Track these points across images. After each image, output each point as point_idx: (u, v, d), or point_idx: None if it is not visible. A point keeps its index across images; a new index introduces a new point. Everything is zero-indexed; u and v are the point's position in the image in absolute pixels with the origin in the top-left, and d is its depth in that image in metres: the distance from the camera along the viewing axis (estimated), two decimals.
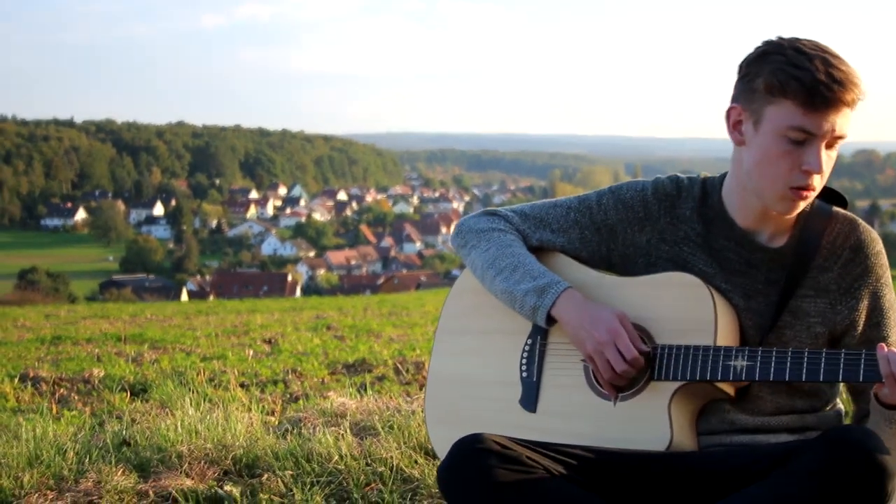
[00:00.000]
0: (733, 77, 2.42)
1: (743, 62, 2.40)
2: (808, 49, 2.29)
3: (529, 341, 2.63)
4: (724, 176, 2.54)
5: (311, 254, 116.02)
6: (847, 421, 2.65)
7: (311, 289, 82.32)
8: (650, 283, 2.52)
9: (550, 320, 2.51)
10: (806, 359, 2.28)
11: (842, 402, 2.62)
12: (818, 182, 2.35)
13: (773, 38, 2.37)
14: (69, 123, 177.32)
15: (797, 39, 2.34)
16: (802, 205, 2.39)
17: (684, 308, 2.44)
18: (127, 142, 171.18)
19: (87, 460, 3.51)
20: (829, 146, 2.33)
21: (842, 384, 2.62)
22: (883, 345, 2.22)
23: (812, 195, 2.38)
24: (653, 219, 2.57)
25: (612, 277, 2.60)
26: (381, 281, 79.46)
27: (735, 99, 2.41)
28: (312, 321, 14.90)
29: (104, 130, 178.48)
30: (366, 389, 6.55)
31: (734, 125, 2.41)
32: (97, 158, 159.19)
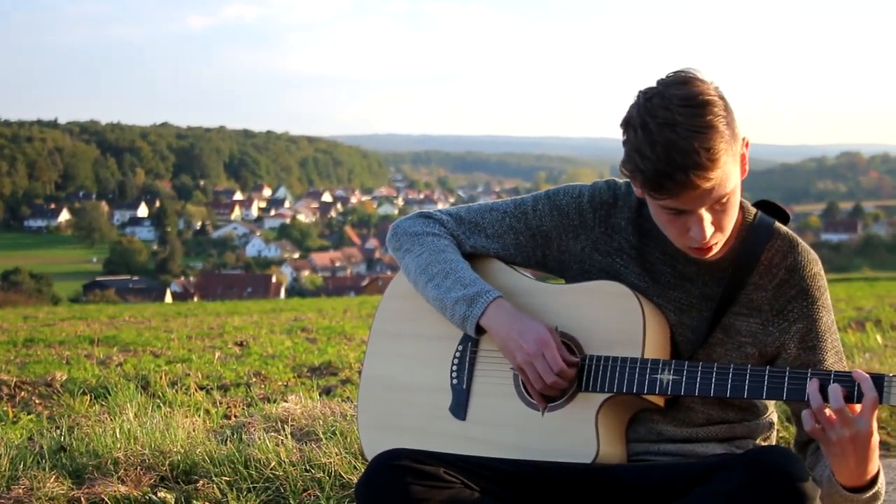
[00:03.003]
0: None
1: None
2: (654, 126, 2.15)
3: (460, 348, 2.60)
4: None
5: (296, 255, 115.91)
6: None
7: (295, 290, 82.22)
8: (581, 292, 2.49)
9: (480, 330, 2.48)
10: (731, 375, 2.26)
11: (776, 412, 2.60)
12: (718, 237, 2.29)
13: (638, 95, 2.24)
14: (53, 124, 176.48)
15: (655, 103, 2.18)
16: (714, 252, 2.33)
17: (613, 318, 2.42)
18: (111, 143, 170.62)
19: (21, 467, 3.47)
20: (716, 203, 2.23)
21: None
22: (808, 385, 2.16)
23: (718, 245, 2.32)
24: (587, 227, 2.53)
25: (545, 285, 2.58)
26: (365, 282, 79.24)
27: None
28: (289, 323, 14.85)
29: (88, 131, 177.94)
30: (329, 392, 6.54)
31: (633, 181, 2.33)
32: (81, 159, 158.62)
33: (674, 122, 2.13)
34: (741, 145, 2.25)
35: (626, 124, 2.23)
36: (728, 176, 2.19)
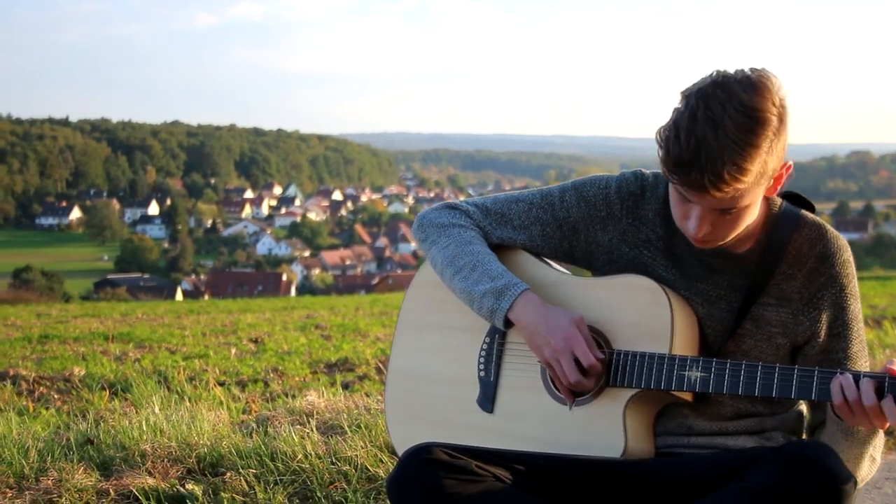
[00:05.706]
0: None
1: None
2: (702, 115, 2.11)
3: (488, 339, 2.59)
4: None
5: (306, 253, 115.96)
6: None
7: (305, 289, 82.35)
8: (610, 285, 2.47)
9: (508, 323, 2.47)
10: (760, 374, 2.24)
11: (805, 403, 2.58)
12: (712, 238, 2.28)
13: (714, 73, 2.19)
14: (64, 122, 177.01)
15: (718, 94, 2.13)
16: (708, 246, 2.32)
17: (642, 313, 2.40)
18: (122, 141, 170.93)
19: (49, 458, 3.49)
20: (723, 210, 2.22)
21: None
22: (838, 378, 2.16)
23: (712, 244, 2.30)
24: (615, 218, 2.52)
25: (573, 277, 2.56)
26: (375, 281, 79.30)
27: None
28: (302, 320, 14.89)
29: (99, 129, 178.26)
30: (347, 388, 6.55)
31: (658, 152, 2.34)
32: (92, 157, 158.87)
33: (721, 123, 2.09)
34: (779, 168, 2.21)
35: (686, 96, 2.18)
36: (744, 195, 2.18)
